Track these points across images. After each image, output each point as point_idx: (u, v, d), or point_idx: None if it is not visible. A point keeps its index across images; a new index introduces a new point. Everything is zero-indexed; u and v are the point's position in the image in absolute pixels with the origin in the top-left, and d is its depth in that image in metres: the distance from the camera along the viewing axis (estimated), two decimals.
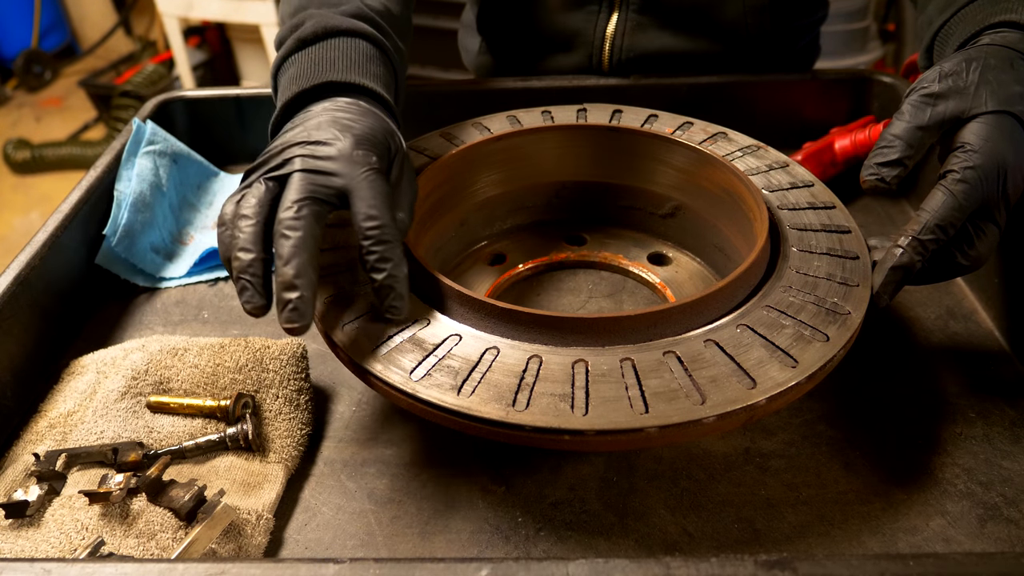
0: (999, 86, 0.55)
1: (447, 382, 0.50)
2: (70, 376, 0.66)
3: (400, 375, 0.51)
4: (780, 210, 0.65)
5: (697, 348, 0.52)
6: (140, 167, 0.85)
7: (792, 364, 0.50)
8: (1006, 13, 0.60)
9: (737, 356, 0.51)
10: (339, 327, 0.55)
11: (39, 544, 0.51)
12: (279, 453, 0.59)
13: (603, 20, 0.97)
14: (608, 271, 0.78)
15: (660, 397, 0.48)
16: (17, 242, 2.67)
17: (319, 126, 0.56)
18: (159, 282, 0.82)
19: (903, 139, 0.56)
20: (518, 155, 0.77)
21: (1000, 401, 0.63)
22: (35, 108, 3.68)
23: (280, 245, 0.50)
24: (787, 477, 0.58)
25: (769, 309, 0.55)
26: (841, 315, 0.54)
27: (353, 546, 0.54)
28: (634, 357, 0.51)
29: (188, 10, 2.82)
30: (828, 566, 0.39)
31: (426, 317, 0.55)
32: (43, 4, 3.74)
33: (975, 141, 0.54)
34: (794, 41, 1.02)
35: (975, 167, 0.54)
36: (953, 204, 0.53)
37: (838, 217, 0.64)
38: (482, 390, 0.50)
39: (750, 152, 0.72)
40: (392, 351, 0.53)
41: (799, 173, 0.70)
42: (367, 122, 0.57)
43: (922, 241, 0.54)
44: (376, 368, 0.52)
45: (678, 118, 0.77)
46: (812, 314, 0.54)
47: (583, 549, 0.53)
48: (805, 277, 0.57)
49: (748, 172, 0.70)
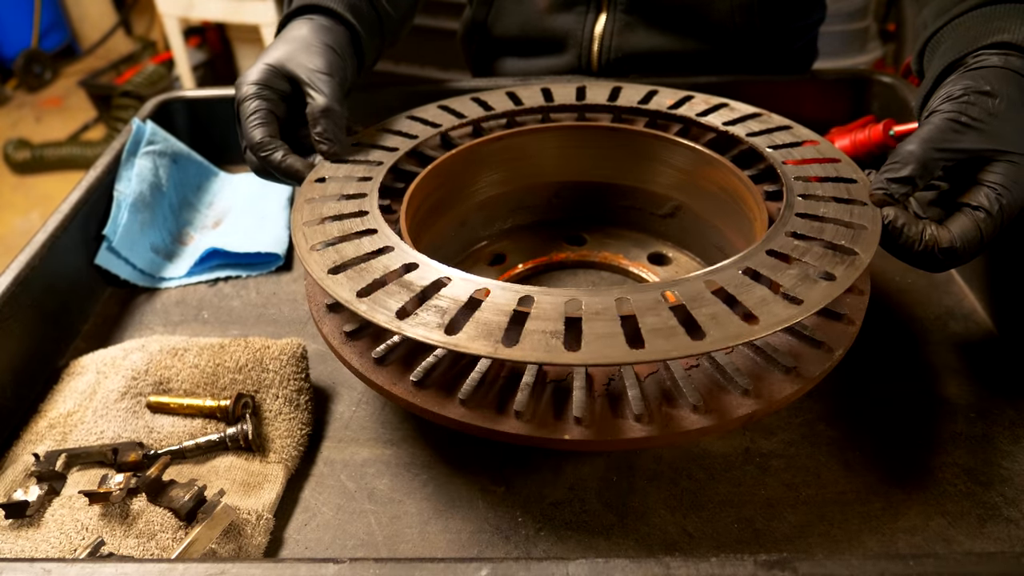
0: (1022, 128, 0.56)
1: (434, 320, 0.49)
2: (70, 376, 0.66)
3: (386, 315, 0.49)
4: (783, 164, 0.64)
5: (697, 288, 0.50)
6: (140, 167, 0.85)
7: (797, 302, 0.48)
8: (1001, 33, 0.60)
9: (739, 295, 0.49)
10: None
11: (39, 544, 0.51)
12: (279, 453, 0.59)
13: (591, 20, 0.98)
14: (608, 271, 0.78)
15: (657, 333, 0.46)
16: (17, 242, 2.67)
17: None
18: (159, 282, 0.82)
19: (919, 159, 0.56)
20: (518, 155, 0.77)
21: (1000, 401, 0.63)
22: (35, 108, 3.68)
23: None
24: (787, 477, 0.58)
25: (773, 253, 0.53)
26: (848, 255, 0.52)
27: (353, 546, 0.54)
28: (630, 296, 0.49)
29: (188, 10, 2.82)
30: (828, 566, 0.39)
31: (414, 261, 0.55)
32: (43, 4, 3.74)
33: (1008, 182, 0.54)
34: (789, 43, 1.02)
35: (1006, 206, 0.54)
36: (976, 238, 0.54)
37: (845, 170, 0.63)
38: (471, 328, 0.48)
39: (752, 118, 0.72)
40: (379, 292, 0.51)
41: (803, 133, 0.69)
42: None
43: (932, 251, 0.54)
44: (361, 309, 0.50)
45: (678, 92, 0.77)
46: (818, 255, 0.53)
47: (583, 549, 0.53)
48: (810, 222, 0.56)
49: (749, 134, 0.69)
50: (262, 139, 0.66)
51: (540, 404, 0.50)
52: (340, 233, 0.59)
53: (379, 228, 0.59)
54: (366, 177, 0.66)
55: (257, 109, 0.67)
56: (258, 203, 0.92)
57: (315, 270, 0.54)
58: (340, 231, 0.59)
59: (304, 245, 0.57)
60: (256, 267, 0.84)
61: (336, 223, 0.60)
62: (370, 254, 0.56)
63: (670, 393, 0.51)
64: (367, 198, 0.62)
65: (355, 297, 0.51)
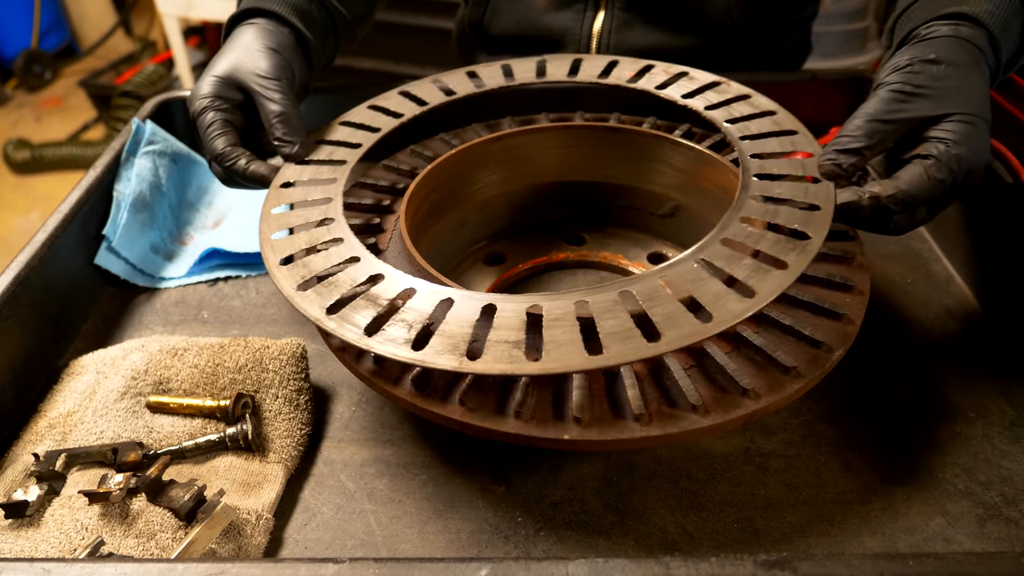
0: (972, 91, 0.57)
1: (401, 336, 0.49)
2: (70, 376, 0.66)
3: (355, 332, 0.50)
4: (741, 140, 0.64)
5: (653, 286, 0.50)
6: (140, 167, 0.85)
7: (750, 295, 0.49)
8: (958, 5, 0.60)
9: (694, 291, 0.50)
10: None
11: (39, 544, 0.51)
12: (279, 453, 0.59)
13: (589, 18, 0.99)
14: (608, 271, 0.78)
15: (614, 337, 0.47)
16: (17, 242, 2.66)
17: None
18: (159, 282, 0.82)
19: (865, 131, 0.57)
20: (518, 155, 0.77)
21: (1000, 401, 0.63)
22: (35, 108, 3.68)
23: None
24: (787, 477, 0.58)
25: (727, 242, 0.54)
26: (801, 240, 0.53)
27: (353, 546, 0.54)
28: (588, 299, 0.50)
29: (188, 10, 2.82)
30: (828, 566, 0.39)
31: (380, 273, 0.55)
32: (43, 4, 3.74)
33: (956, 137, 0.55)
34: (781, 39, 1.03)
35: (955, 158, 0.54)
36: (925, 183, 0.54)
37: (801, 143, 0.63)
38: (436, 342, 0.49)
39: (711, 88, 0.72)
40: (347, 309, 0.52)
41: (761, 103, 0.69)
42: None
43: (884, 203, 0.55)
44: (331, 327, 0.51)
45: (638, 62, 0.76)
46: (772, 242, 0.53)
47: (583, 549, 0.53)
48: (765, 205, 0.56)
49: (708, 107, 0.69)
50: (224, 149, 0.66)
51: (540, 404, 0.50)
52: (307, 244, 0.59)
53: (345, 237, 0.59)
54: (330, 179, 0.65)
55: (213, 120, 0.67)
56: (258, 203, 0.92)
57: (285, 288, 0.55)
58: (307, 242, 0.59)
59: (273, 260, 0.58)
60: (256, 267, 0.84)
61: (304, 234, 0.60)
62: (337, 265, 0.56)
63: (670, 393, 0.51)
64: (332, 203, 0.63)
65: (324, 315, 0.52)
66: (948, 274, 0.78)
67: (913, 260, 0.80)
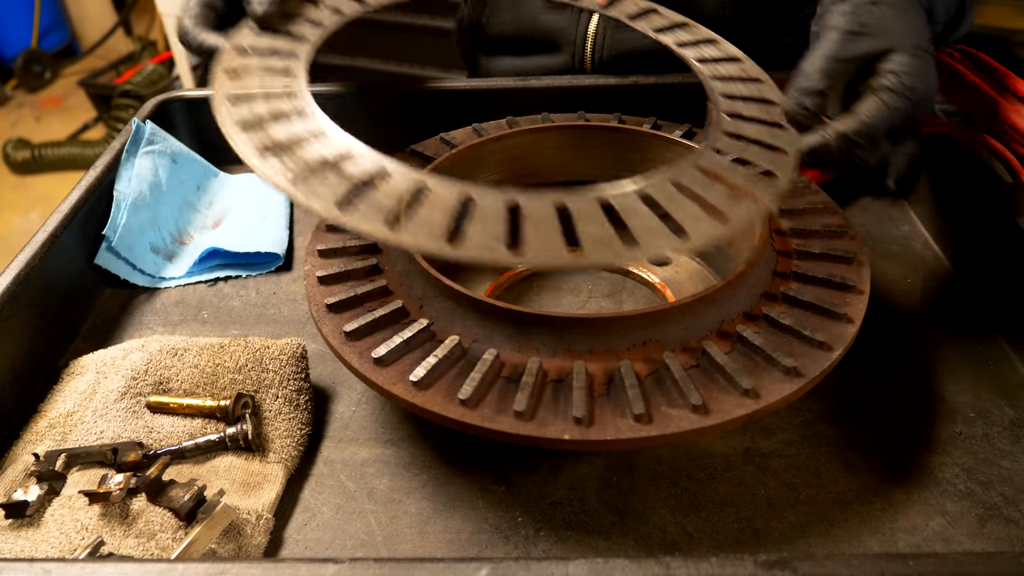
0: (913, 28, 0.59)
1: (376, 215, 0.46)
2: (70, 376, 0.66)
3: (323, 204, 0.46)
4: (712, 80, 0.66)
5: (630, 201, 0.50)
6: (140, 167, 0.85)
7: (724, 220, 0.49)
8: None
9: (671, 211, 0.50)
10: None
11: (39, 544, 0.51)
12: (279, 453, 0.59)
13: (584, 19, 0.99)
14: (608, 271, 0.78)
15: (594, 241, 0.46)
16: (17, 242, 2.66)
17: None
18: (159, 282, 0.82)
19: (825, 71, 0.58)
20: (518, 155, 0.77)
21: (1000, 401, 0.63)
22: (35, 108, 3.68)
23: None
24: (787, 477, 0.58)
25: (701, 169, 0.54)
26: (770, 177, 0.54)
27: (353, 546, 0.54)
28: (568, 202, 0.49)
29: None
30: (828, 566, 0.39)
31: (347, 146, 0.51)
32: (43, 4, 3.74)
33: (905, 68, 0.57)
34: (779, 37, 1.03)
35: (907, 87, 0.56)
36: (883, 112, 0.56)
37: (767, 91, 0.65)
38: (414, 227, 0.46)
39: (680, 27, 0.75)
40: (315, 180, 0.48)
41: (728, 49, 0.72)
42: None
43: (852, 139, 0.57)
44: (299, 198, 0.47)
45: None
46: (743, 175, 0.54)
47: (583, 549, 0.53)
48: (735, 141, 0.58)
49: (679, 44, 0.72)
50: (186, 24, 0.72)
51: (540, 404, 0.50)
52: (269, 113, 0.54)
53: (309, 110, 0.55)
54: (293, 53, 0.62)
55: (197, 4, 0.73)
56: (258, 203, 0.92)
57: (245, 151, 0.50)
58: (269, 112, 0.54)
59: (229, 121, 0.52)
60: (256, 267, 0.84)
61: (264, 103, 0.55)
62: (304, 138, 0.52)
63: (670, 393, 0.51)
64: (296, 79, 0.58)
65: (292, 185, 0.48)
66: (948, 274, 0.78)
67: (913, 260, 0.80)
